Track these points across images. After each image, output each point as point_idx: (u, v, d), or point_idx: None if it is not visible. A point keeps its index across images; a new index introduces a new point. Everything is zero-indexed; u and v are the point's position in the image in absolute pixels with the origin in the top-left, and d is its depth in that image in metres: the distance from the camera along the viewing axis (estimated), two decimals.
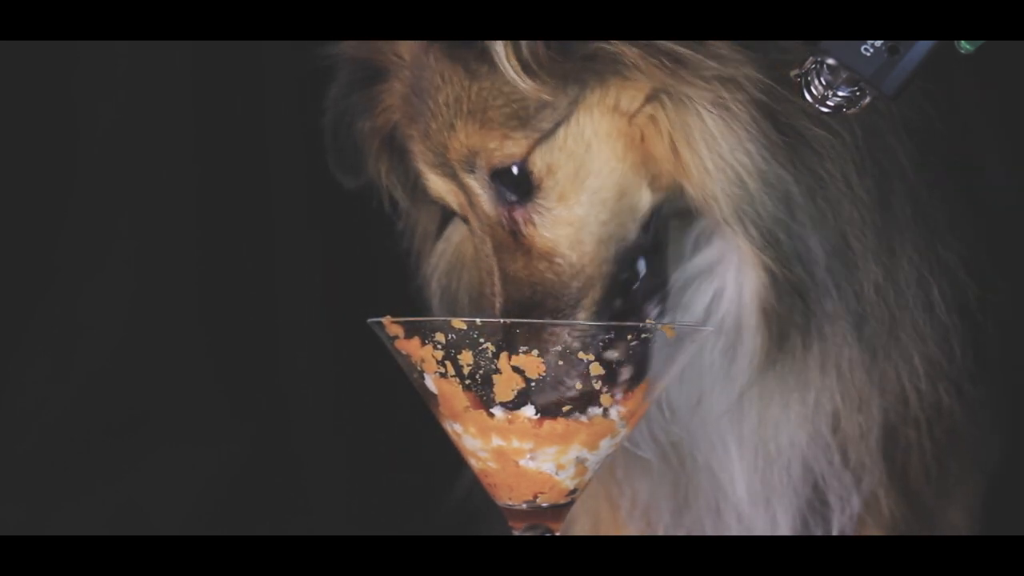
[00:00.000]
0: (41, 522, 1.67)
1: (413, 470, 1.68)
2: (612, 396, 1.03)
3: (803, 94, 1.05)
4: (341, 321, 1.34)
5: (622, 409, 1.04)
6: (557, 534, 1.07)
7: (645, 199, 1.14)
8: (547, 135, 1.11)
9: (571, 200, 1.12)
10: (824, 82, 1.04)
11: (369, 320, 1.05)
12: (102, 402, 1.78)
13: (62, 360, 1.79)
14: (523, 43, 1.07)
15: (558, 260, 1.12)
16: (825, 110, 1.05)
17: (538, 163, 1.11)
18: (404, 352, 1.04)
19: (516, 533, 1.07)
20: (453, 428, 1.05)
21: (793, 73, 1.06)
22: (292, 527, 1.69)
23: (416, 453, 1.51)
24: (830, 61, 1.03)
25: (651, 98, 1.11)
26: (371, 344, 1.07)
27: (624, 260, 1.14)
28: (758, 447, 1.25)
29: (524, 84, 1.08)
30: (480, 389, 1.02)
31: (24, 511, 1.69)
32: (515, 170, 1.11)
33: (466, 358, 1.02)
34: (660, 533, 1.32)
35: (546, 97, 1.09)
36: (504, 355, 1.01)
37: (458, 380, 1.02)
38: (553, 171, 1.11)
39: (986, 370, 1.28)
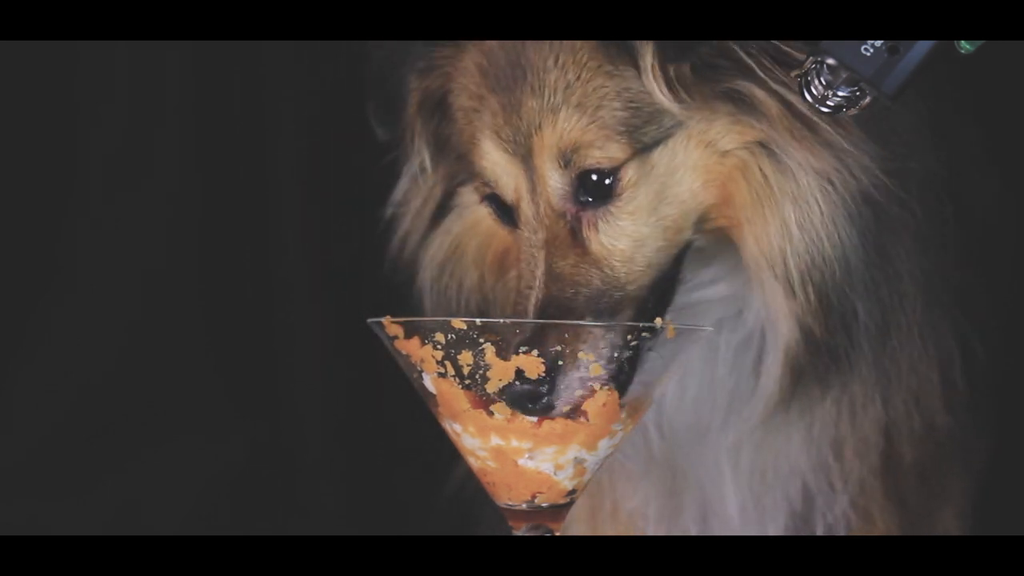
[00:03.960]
0: (41, 522, 1.67)
1: (413, 470, 1.68)
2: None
3: (803, 94, 1.05)
4: (341, 321, 1.34)
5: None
6: (557, 534, 1.07)
7: (686, 235, 1.15)
8: (646, 149, 1.11)
9: (640, 218, 1.12)
10: (824, 82, 1.04)
11: (369, 320, 1.05)
12: (102, 403, 1.78)
13: (61, 361, 1.79)
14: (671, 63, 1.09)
15: (607, 270, 1.12)
16: (825, 110, 1.05)
17: (629, 173, 1.11)
18: (404, 352, 1.04)
19: (516, 533, 1.07)
20: (452, 427, 1.05)
21: (793, 73, 1.06)
22: (292, 527, 1.69)
23: (415, 453, 1.51)
24: (830, 61, 1.03)
25: (750, 145, 1.12)
26: (371, 344, 1.07)
27: (657, 289, 1.15)
28: (754, 470, 1.26)
29: (661, 95, 1.09)
30: (480, 389, 1.02)
31: (24, 511, 1.69)
32: (607, 178, 1.11)
33: (466, 358, 1.02)
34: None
35: (676, 110, 1.10)
36: (491, 348, 1.01)
37: (457, 380, 1.02)
38: (638, 185, 1.12)
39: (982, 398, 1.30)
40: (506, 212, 1.17)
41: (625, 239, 1.12)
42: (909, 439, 1.25)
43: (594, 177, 1.11)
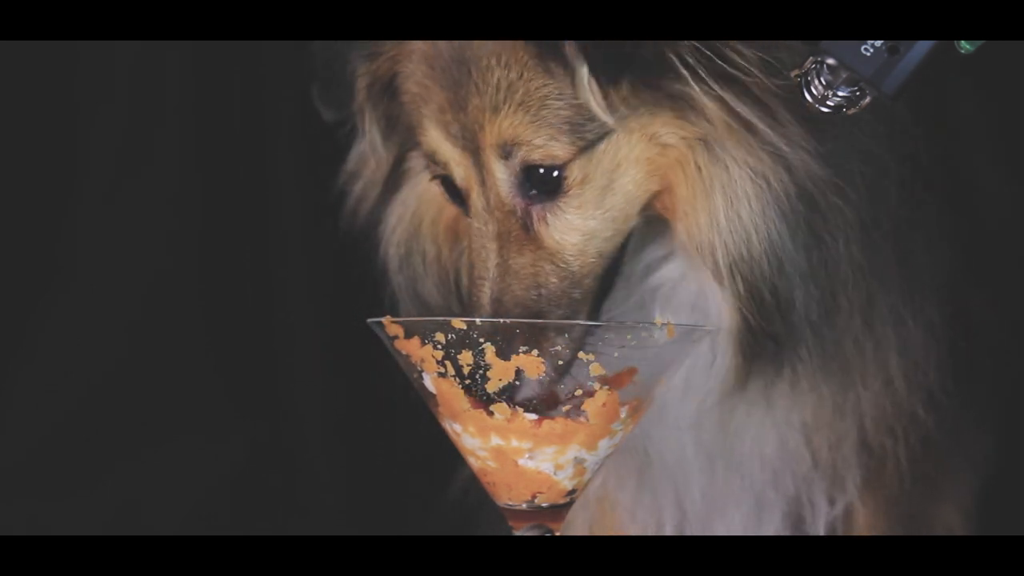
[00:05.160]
0: (41, 522, 1.67)
1: (413, 470, 1.68)
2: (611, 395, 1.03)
3: (803, 94, 1.05)
4: (341, 321, 1.34)
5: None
6: (557, 534, 1.08)
7: (633, 222, 1.15)
8: (590, 145, 1.11)
9: (588, 212, 1.12)
10: (824, 82, 1.04)
11: (369, 320, 1.05)
12: (102, 403, 1.78)
13: (61, 361, 1.79)
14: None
15: (561, 264, 1.12)
16: (825, 110, 1.05)
17: (575, 171, 1.11)
18: (404, 352, 1.04)
19: (516, 533, 1.07)
20: (452, 427, 1.05)
21: (793, 73, 1.06)
22: (292, 527, 1.69)
23: (416, 453, 1.51)
24: (830, 61, 1.03)
25: (690, 139, 1.12)
26: (371, 344, 1.07)
27: (606, 276, 1.15)
28: (717, 456, 1.26)
29: (598, 107, 1.09)
30: (480, 389, 1.02)
31: (24, 511, 1.69)
32: (553, 171, 1.11)
33: (466, 358, 1.02)
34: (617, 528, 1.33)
35: (610, 121, 1.09)
36: (491, 348, 1.01)
37: (458, 380, 1.02)
38: (585, 182, 1.12)
39: (960, 384, 1.28)
40: (458, 194, 1.17)
41: (575, 233, 1.13)
42: (874, 420, 1.24)
43: (541, 171, 1.11)
